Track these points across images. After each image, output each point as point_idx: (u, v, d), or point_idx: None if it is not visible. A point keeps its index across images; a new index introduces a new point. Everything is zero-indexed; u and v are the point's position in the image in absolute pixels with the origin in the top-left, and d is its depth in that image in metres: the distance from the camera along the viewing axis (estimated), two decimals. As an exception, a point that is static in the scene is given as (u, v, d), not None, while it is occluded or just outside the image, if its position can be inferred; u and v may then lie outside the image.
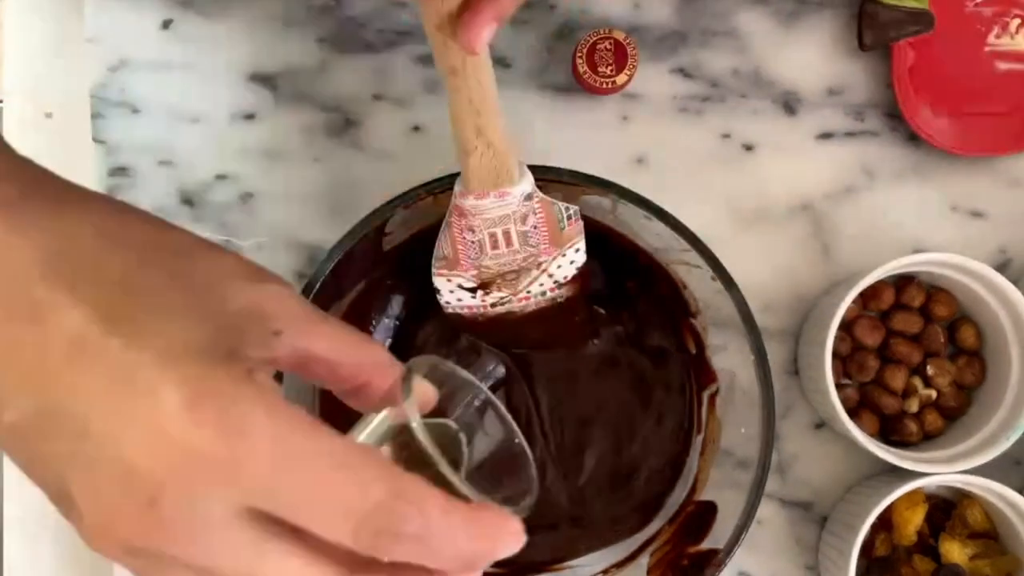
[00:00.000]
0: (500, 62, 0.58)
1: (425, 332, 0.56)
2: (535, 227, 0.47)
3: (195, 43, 0.58)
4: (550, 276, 0.49)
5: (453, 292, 0.50)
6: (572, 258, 0.49)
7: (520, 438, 0.33)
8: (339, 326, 0.30)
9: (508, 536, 0.26)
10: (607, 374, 0.56)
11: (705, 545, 0.49)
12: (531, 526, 0.51)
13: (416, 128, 0.58)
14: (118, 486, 0.24)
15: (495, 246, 0.47)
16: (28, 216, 0.26)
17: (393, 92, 0.58)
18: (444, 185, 0.46)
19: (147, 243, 0.28)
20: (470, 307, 0.51)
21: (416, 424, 0.27)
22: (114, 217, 0.28)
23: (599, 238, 0.52)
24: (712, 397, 0.53)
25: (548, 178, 0.45)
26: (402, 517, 0.24)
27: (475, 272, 0.48)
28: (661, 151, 0.58)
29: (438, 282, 0.49)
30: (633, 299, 0.56)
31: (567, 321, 0.53)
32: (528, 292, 0.50)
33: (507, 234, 0.46)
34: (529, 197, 0.45)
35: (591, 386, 0.56)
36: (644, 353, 0.56)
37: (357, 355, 0.30)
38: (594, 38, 0.55)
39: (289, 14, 0.58)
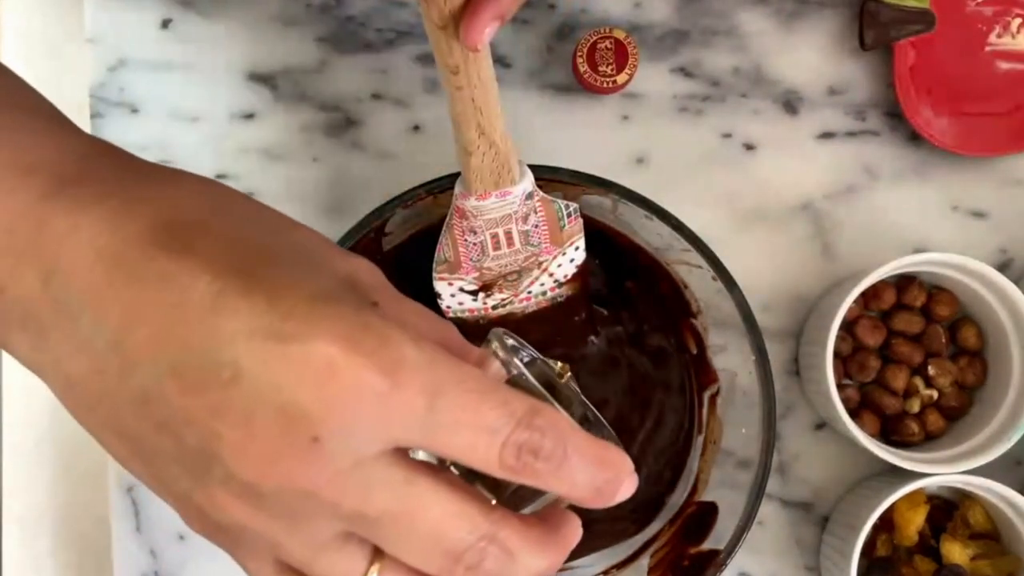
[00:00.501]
0: (500, 62, 0.58)
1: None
2: (536, 226, 0.47)
3: (195, 43, 0.58)
4: (551, 275, 0.49)
5: (455, 296, 0.49)
6: (572, 256, 0.49)
7: (593, 411, 0.34)
8: (419, 304, 0.31)
9: (629, 473, 0.27)
10: (607, 374, 0.56)
11: (706, 546, 0.49)
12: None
13: (416, 128, 0.58)
14: (278, 427, 0.23)
15: (497, 247, 0.46)
16: (129, 191, 0.26)
17: (393, 92, 0.58)
18: (444, 185, 0.46)
19: (247, 213, 0.28)
20: (472, 310, 0.50)
21: (521, 369, 0.29)
22: (210, 189, 0.29)
23: (600, 238, 0.52)
24: (713, 397, 0.53)
25: (549, 178, 0.45)
26: (542, 431, 0.25)
27: (477, 274, 0.48)
28: (661, 151, 0.58)
29: (439, 286, 0.49)
30: (634, 299, 0.55)
31: (567, 320, 0.53)
32: (529, 292, 0.50)
33: (508, 234, 0.46)
34: (530, 196, 0.45)
35: (591, 386, 0.56)
36: (644, 353, 0.56)
37: (439, 330, 0.31)
38: (594, 37, 0.55)
39: (289, 14, 0.58)
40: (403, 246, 0.52)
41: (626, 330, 0.56)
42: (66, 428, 0.59)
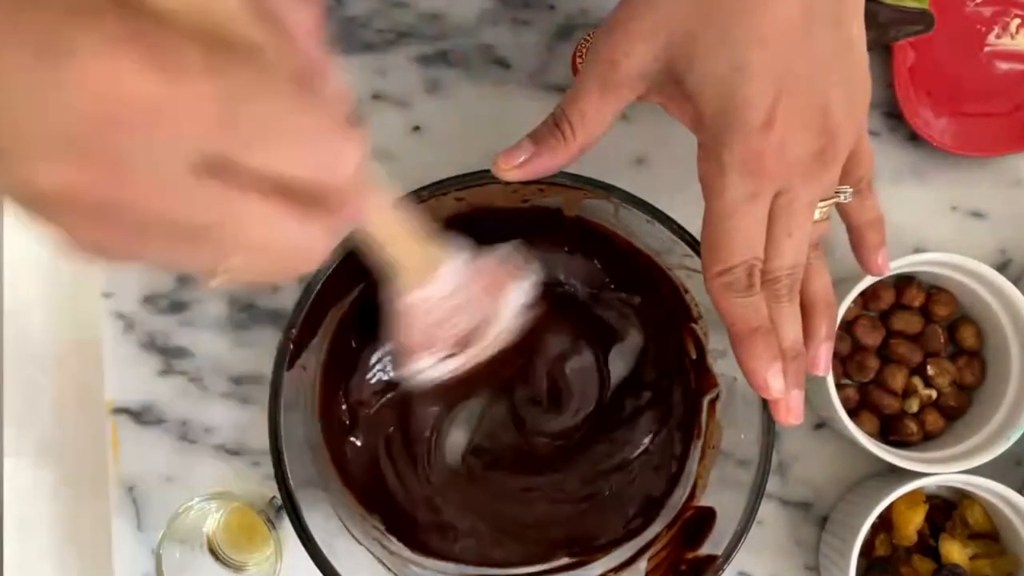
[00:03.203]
0: (500, 62, 0.58)
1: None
2: (487, 283, 0.46)
3: (195, 43, 0.58)
4: (512, 315, 0.48)
5: (433, 368, 0.48)
6: (518, 293, 0.48)
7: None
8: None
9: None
10: (607, 376, 0.56)
11: (704, 550, 0.49)
12: (531, 529, 0.51)
13: (416, 128, 0.58)
14: (72, 150, 0.23)
15: (456, 312, 0.45)
16: None
17: (393, 92, 0.58)
18: (446, 186, 0.46)
19: None
20: (453, 369, 0.48)
21: None
22: None
23: (601, 241, 0.52)
24: (712, 402, 0.53)
25: (550, 182, 0.45)
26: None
27: (451, 342, 0.47)
28: (661, 151, 0.58)
29: (412, 369, 0.47)
30: (634, 303, 0.55)
31: (540, 337, 0.53)
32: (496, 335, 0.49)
33: (465, 298, 0.45)
34: (468, 260, 0.44)
35: (589, 389, 0.56)
36: (644, 358, 0.56)
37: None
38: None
39: (289, 14, 0.58)
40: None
41: (626, 334, 0.56)
42: (67, 428, 0.59)
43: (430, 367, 0.47)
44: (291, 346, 0.46)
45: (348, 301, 0.52)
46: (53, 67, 0.22)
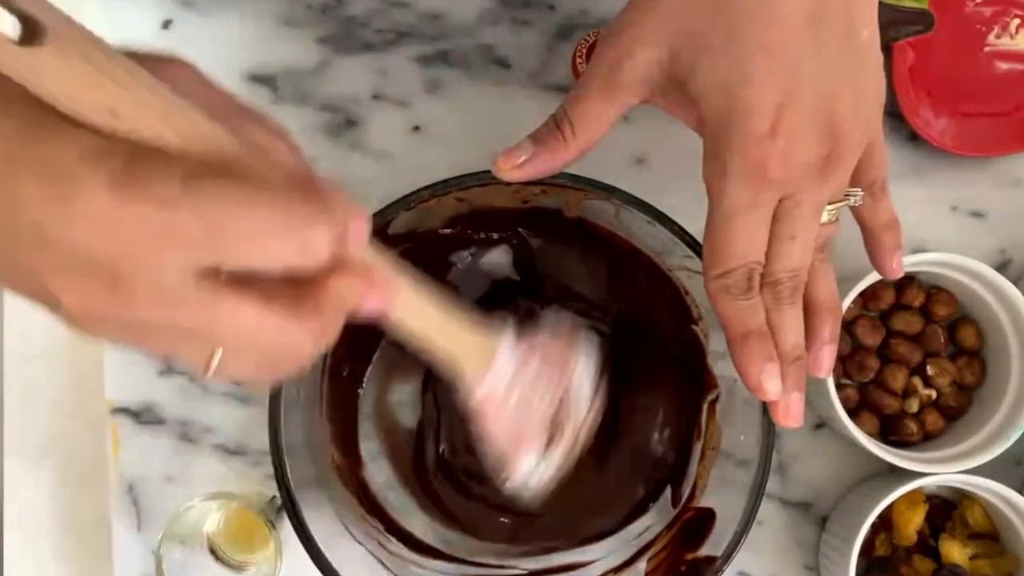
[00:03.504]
0: (500, 62, 0.58)
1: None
2: (545, 355, 0.44)
3: (195, 43, 0.58)
4: (587, 390, 0.47)
5: (542, 466, 0.45)
6: (584, 359, 0.46)
7: None
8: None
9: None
10: (607, 380, 0.56)
11: (704, 551, 0.49)
12: (531, 529, 0.50)
13: (416, 128, 0.58)
14: (85, 276, 0.27)
15: (531, 393, 0.44)
16: None
17: (393, 92, 0.58)
18: (448, 187, 0.46)
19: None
20: (563, 459, 0.46)
21: None
22: None
23: (602, 242, 0.52)
24: (712, 404, 0.53)
25: (551, 183, 0.45)
26: (329, 214, 0.28)
27: (542, 429, 0.45)
28: (661, 151, 0.58)
29: (523, 474, 0.45)
30: (634, 305, 0.55)
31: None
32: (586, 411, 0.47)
33: (532, 377, 0.44)
34: (517, 337, 0.43)
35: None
36: (644, 359, 0.56)
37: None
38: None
39: (289, 14, 0.58)
40: (407, 249, 0.52)
41: (626, 335, 0.56)
42: (67, 428, 0.59)
43: (537, 465, 0.45)
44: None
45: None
46: (64, 203, 0.26)
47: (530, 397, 0.44)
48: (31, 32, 0.24)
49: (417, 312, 0.37)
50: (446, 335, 0.38)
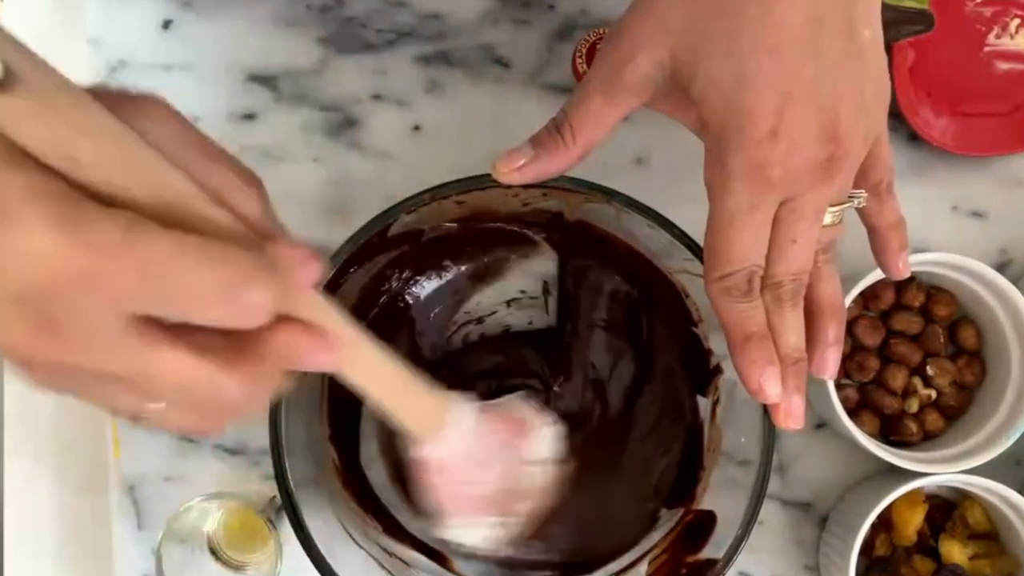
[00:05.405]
0: (500, 62, 0.58)
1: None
2: (505, 435, 0.44)
3: (195, 43, 0.58)
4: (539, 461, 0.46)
5: (477, 534, 0.45)
6: (543, 444, 0.45)
7: None
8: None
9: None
10: (606, 381, 0.56)
11: (704, 554, 0.49)
12: (533, 537, 0.50)
13: (416, 128, 0.58)
14: (17, 315, 0.26)
15: (481, 469, 0.43)
16: None
17: (393, 92, 0.58)
18: (448, 190, 0.45)
19: None
20: (505, 537, 0.45)
21: None
22: None
23: (603, 245, 0.52)
24: (713, 406, 0.53)
25: (551, 185, 0.45)
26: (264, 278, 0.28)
27: (486, 504, 0.44)
28: (661, 151, 0.58)
29: (451, 533, 0.44)
30: (634, 307, 0.55)
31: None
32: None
33: (486, 454, 0.43)
34: (478, 412, 0.42)
35: (589, 392, 0.56)
36: (645, 362, 0.56)
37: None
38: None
39: (289, 14, 0.58)
40: (405, 252, 0.52)
41: (626, 337, 0.56)
42: (67, 428, 0.59)
43: (473, 536, 0.45)
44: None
45: (353, 297, 0.52)
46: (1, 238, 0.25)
47: (478, 474, 0.43)
48: (4, 79, 0.25)
49: (365, 368, 0.36)
50: (394, 394, 0.37)
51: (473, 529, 0.45)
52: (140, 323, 0.27)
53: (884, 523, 0.55)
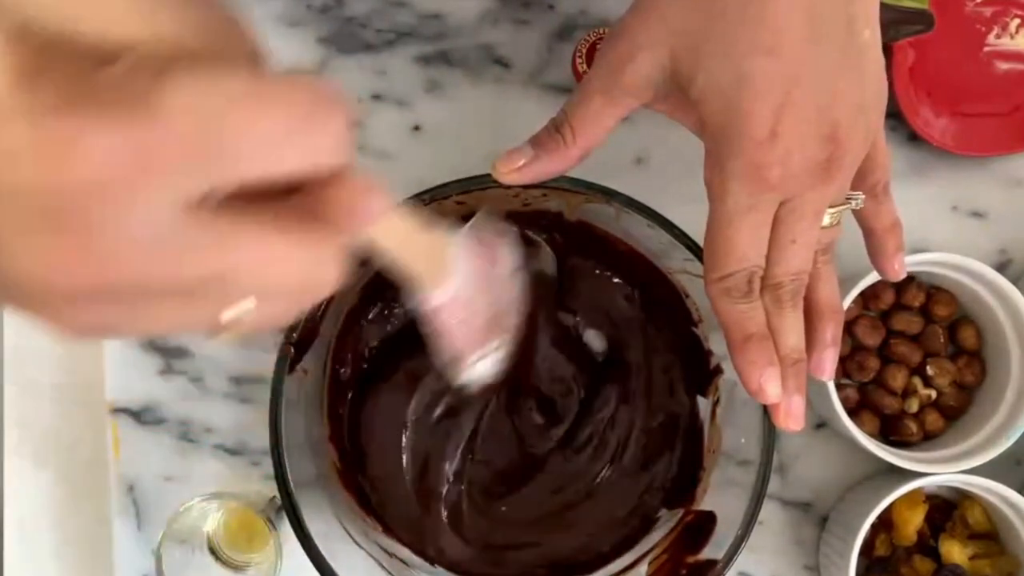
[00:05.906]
0: (500, 62, 0.58)
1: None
2: (485, 256, 0.45)
3: (195, 43, 0.58)
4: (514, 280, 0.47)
5: (489, 364, 0.46)
6: (510, 257, 0.46)
7: None
8: None
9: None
10: (606, 382, 0.56)
11: (704, 554, 0.49)
12: (533, 537, 0.50)
13: (416, 128, 0.58)
14: (46, 233, 0.20)
15: (480, 296, 0.44)
16: None
17: (393, 92, 0.58)
18: (447, 190, 0.46)
19: None
20: (505, 356, 0.47)
21: None
22: None
23: (603, 245, 0.52)
24: (713, 407, 0.53)
25: (551, 186, 0.45)
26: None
27: (489, 330, 0.45)
28: (661, 151, 0.58)
29: (470, 374, 0.45)
30: (634, 308, 0.55)
31: (537, 342, 0.52)
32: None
33: (479, 280, 0.44)
34: (463, 241, 0.42)
35: (589, 395, 0.56)
36: (644, 362, 0.55)
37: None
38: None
39: (290, 14, 0.58)
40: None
41: (626, 338, 0.56)
42: (67, 428, 0.59)
43: (485, 365, 0.46)
44: (291, 351, 0.46)
45: (354, 295, 0.52)
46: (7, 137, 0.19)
47: (479, 302, 0.44)
48: None
49: (386, 224, 0.34)
50: (410, 246, 0.37)
51: (484, 360, 0.46)
52: (201, 209, 0.21)
53: (884, 523, 0.55)
